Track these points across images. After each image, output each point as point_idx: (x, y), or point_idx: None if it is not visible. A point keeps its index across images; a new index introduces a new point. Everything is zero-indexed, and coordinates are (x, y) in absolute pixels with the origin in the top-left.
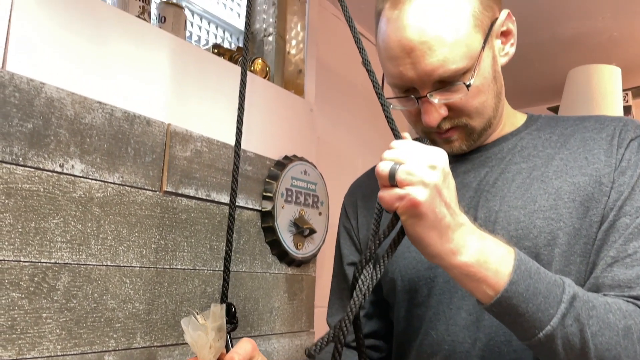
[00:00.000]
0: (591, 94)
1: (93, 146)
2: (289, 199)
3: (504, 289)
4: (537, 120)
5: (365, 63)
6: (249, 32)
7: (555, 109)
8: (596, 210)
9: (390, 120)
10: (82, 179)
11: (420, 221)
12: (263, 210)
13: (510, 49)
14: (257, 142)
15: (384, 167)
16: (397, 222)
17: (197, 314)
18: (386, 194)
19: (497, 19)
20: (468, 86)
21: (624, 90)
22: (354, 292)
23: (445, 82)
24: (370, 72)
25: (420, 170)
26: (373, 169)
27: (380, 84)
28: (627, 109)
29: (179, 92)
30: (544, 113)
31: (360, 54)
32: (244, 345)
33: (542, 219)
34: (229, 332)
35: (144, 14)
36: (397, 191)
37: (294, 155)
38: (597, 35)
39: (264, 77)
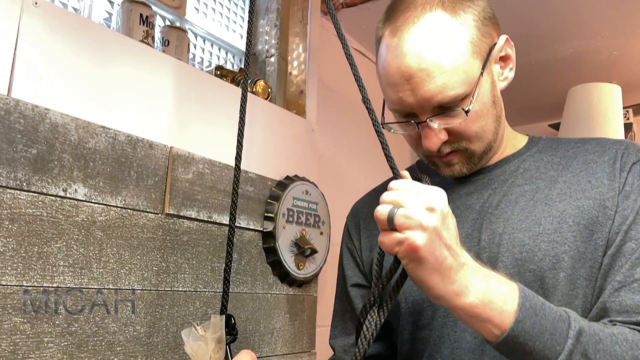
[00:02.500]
0: (591, 113)
1: (96, 170)
2: (290, 219)
3: (510, 327)
4: (538, 142)
5: (365, 101)
6: (250, 55)
7: (556, 126)
8: (601, 234)
9: (389, 159)
10: (85, 202)
11: (421, 265)
12: (264, 230)
13: (509, 74)
14: (259, 163)
15: (382, 211)
16: (399, 265)
17: (198, 325)
18: (386, 239)
19: (495, 44)
20: (467, 112)
21: (624, 108)
22: (359, 339)
23: (445, 108)
24: (370, 110)
25: (419, 213)
26: (375, 189)
27: (381, 110)
28: (628, 127)
29: (182, 115)
30: (546, 130)
31: (361, 91)
32: (244, 357)
33: (546, 242)
34: (228, 344)
35: (147, 38)
36: (396, 235)
37: (296, 175)
38: (596, 54)
39: (266, 98)
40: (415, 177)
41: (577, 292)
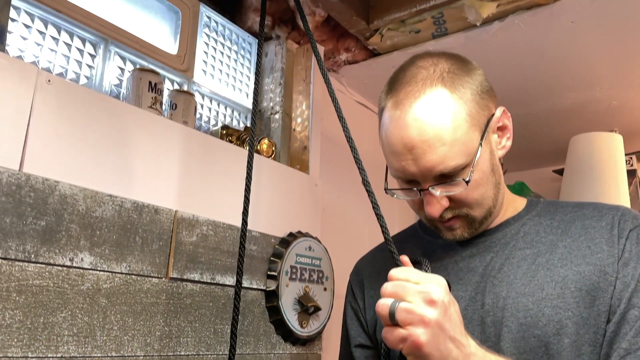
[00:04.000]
0: (593, 162)
1: (102, 238)
2: (294, 276)
3: None
4: (537, 206)
5: (365, 184)
6: (256, 113)
7: (560, 172)
8: (603, 300)
9: (389, 242)
10: (91, 271)
11: None
12: (267, 289)
13: (507, 142)
14: (262, 221)
15: (383, 306)
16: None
17: None
18: (389, 335)
19: (493, 114)
20: (467, 182)
21: (627, 154)
22: None
23: (446, 176)
24: (370, 193)
25: (420, 307)
26: (378, 246)
27: (384, 176)
28: (631, 173)
29: (187, 179)
30: (550, 175)
31: (361, 174)
32: None
33: (550, 307)
34: None
35: (156, 104)
36: (399, 332)
37: (299, 232)
38: (596, 104)
39: (270, 155)
40: (415, 261)
41: (583, 358)
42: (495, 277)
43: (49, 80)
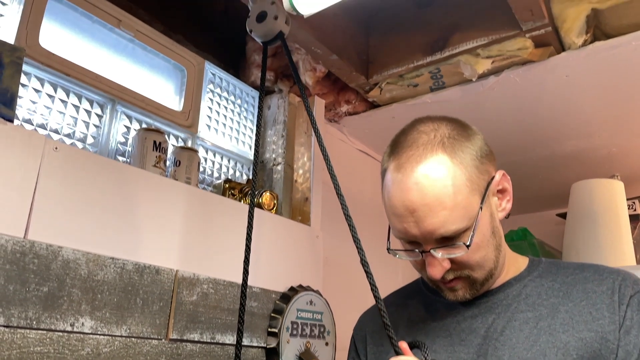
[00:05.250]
0: (595, 208)
1: (103, 301)
2: (295, 332)
3: None
4: (538, 266)
5: (364, 264)
6: (257, 168)
7: (563, 215)
8: None
9: (387, 327)
10: (91, 335)
11: None
12: (268, 347)
13: (507, 205)
14: (263, 276)
15: None
16: None
17: None
18: None
19: (493, 177)
20: (468, 246)
21: (630, 199)
22: None
23: (447, 239)
24: (368, 274)
25: None
26: (383, 300)
27: (387, 236)
28: (634, 218)
29: (188, 238)
30: (554, 219)
31: (359, 253)
32: None
33: None
34: None
35: (159, 162)
36: None
37: (300, 285)
38: (596, 150)
39: (271, 208)
40: (414, 344)
41: None
42: (497, 340)
43: (56, 148)
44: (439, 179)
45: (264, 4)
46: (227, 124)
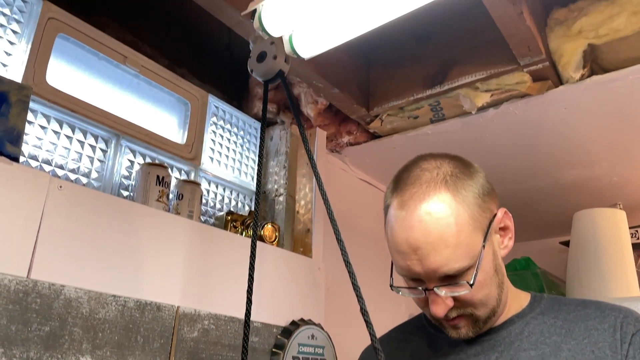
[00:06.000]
0: (598, 238)
1: (104, 340)
2: None
3: None
4: (540, 302)
5: (364, 313)
6: (260, 200)
7: (566, 243)
8: None
9: None
10: None
11: None
12: None
13: (509, 242)
14: (265, 311)
15: None
16: None
17: None
18: None
19: (495, 215)
20: (471, 285)
21: (633, 228)
22: None
23: (451, 277)
24: (368, 324)
25: None
26: (386, 335)
27: (390, 272)
28: (637, 246)
29: (190, 273)
30: (557, 247)
31: (359, 301)
32: None
33: None
34: None
35: (162, 197)
36: None
37: (301, 319)
38: (597, 180)
39: (273, 240)
40: None
41: None
42: None
43: (60, 187)
44: (442, 217)
45: (264, 44)
46: (229, 156)
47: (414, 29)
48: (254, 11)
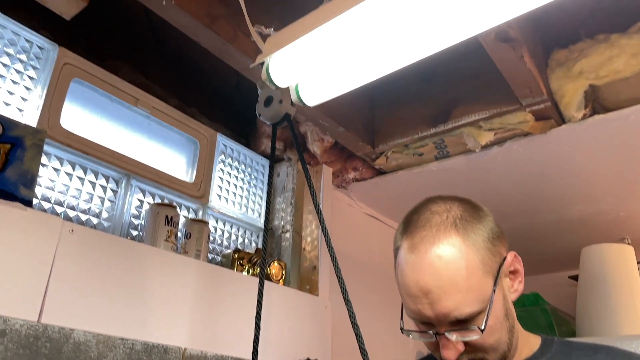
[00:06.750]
0: (606, 274)
1: None
2: None
3: None
4: (551, 346)
5: (363, 353)
6: (267, 245)
7: (576, 277)
8: None
9: None
10: None
11: None
12: None
13: (519, 286)
14: (271, 351)
15: None
16: None
17: None
18: None
19: (505, 258)
20: (482, 330)
21: None
22: None
23: (461, 322)
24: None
25: None
26: None
27: (400, 315)
28: None
29: (197, 314)
30: (566, 281)
31: (358, 341)
32: None
33: None
34: None
35: (171, 237)
36: None
37: (307, 359)
38: (603, 215)
39: (280, 279)
40: None
41: None
42: None
43: (72, 230)
44: (453, 261)
45: (271, 89)
46: (237, 193)
47: (418, 68)
48: (262, 62)
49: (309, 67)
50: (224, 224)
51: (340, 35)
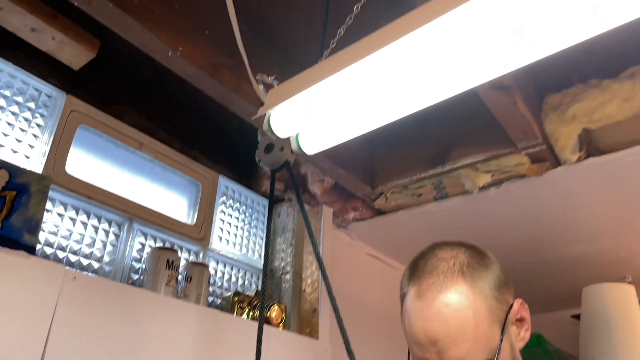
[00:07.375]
0: (608, 314)
1: None
2: None
3: None
4: None
5: None
6: (266, 287)
7: (578, 317)
8: None
9: None
10: None
11: None
12: None
13: (526, 334)
14: None
15: None
16: None
17: None
18: None
19: (511, 306)
20: None
21: None
22: None
23: None
24: None
25: None
26: None
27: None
28: None
29: (197, 358)
30: (568, 320)
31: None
32: None
33: None
34: None
35: (171, 281)
36: None
37: None
38: (603, 254)
39: (280, 322)
40: None
41: None
42: None
43: (75, 278)
44: (460, 310)
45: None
46: (237, 234)
47: (415, 112)
48: (264, 114)
49: (309, 118)
50: (224, 266)
51: (339, 90)
